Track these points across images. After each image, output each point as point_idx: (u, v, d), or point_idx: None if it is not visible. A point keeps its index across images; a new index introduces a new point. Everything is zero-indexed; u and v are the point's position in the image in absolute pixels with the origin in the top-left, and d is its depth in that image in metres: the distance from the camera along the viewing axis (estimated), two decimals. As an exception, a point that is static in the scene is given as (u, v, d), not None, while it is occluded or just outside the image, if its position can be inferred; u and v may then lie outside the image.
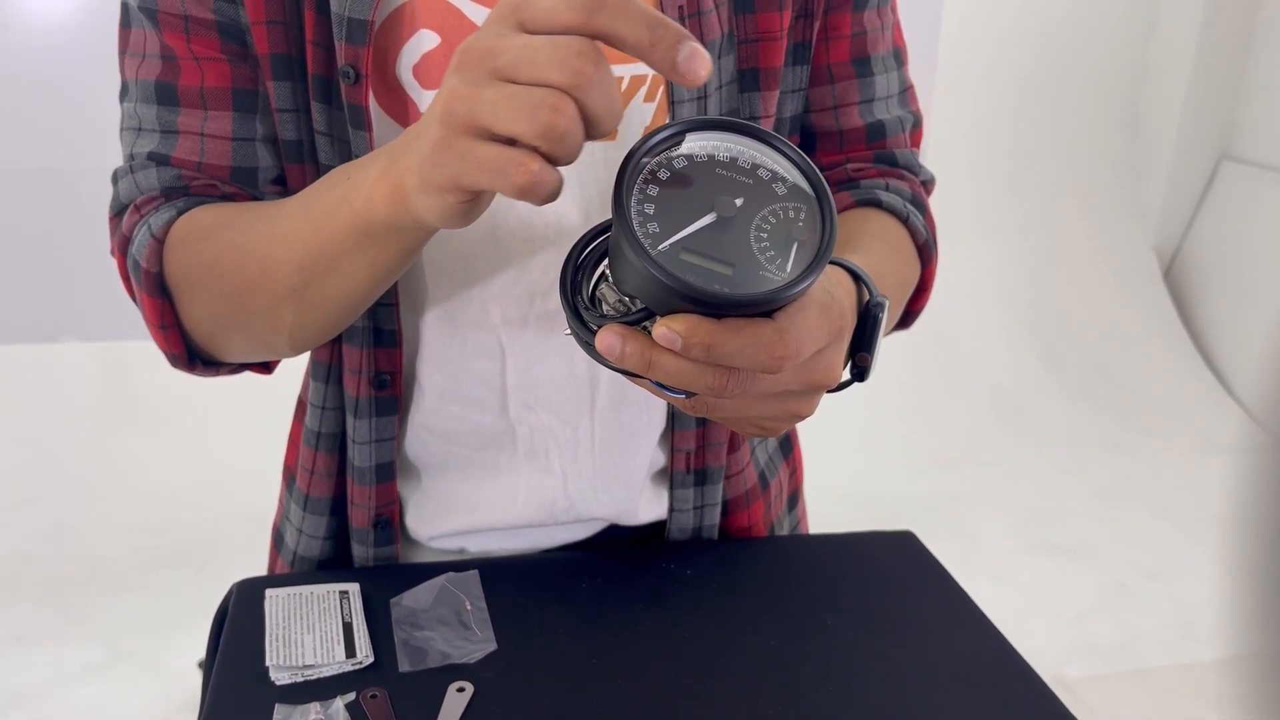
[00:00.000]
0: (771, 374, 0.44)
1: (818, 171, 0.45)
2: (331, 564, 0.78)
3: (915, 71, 0.77)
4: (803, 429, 0.89)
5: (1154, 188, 3.66)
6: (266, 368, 0.71)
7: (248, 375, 0.75)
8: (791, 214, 0.44)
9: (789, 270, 0.43)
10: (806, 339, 0.44)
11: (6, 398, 2.76)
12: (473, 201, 0.46)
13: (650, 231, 0.42)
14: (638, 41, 0.40)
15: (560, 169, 0.45)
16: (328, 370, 0.73)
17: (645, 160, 0.44)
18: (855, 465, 2.84)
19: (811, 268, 0.43)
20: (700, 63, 0.40)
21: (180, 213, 0.63)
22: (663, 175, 0.44)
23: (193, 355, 0.67)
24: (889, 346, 0.58)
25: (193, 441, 2.73)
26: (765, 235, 0.44)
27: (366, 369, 0.70)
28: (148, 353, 0.71)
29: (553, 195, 0.42)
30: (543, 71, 0.40)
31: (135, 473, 2.67)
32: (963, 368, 3.32)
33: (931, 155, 3.21)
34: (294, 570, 0.79)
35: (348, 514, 0.75)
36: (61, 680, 1.99)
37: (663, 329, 0.42)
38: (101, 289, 0.70)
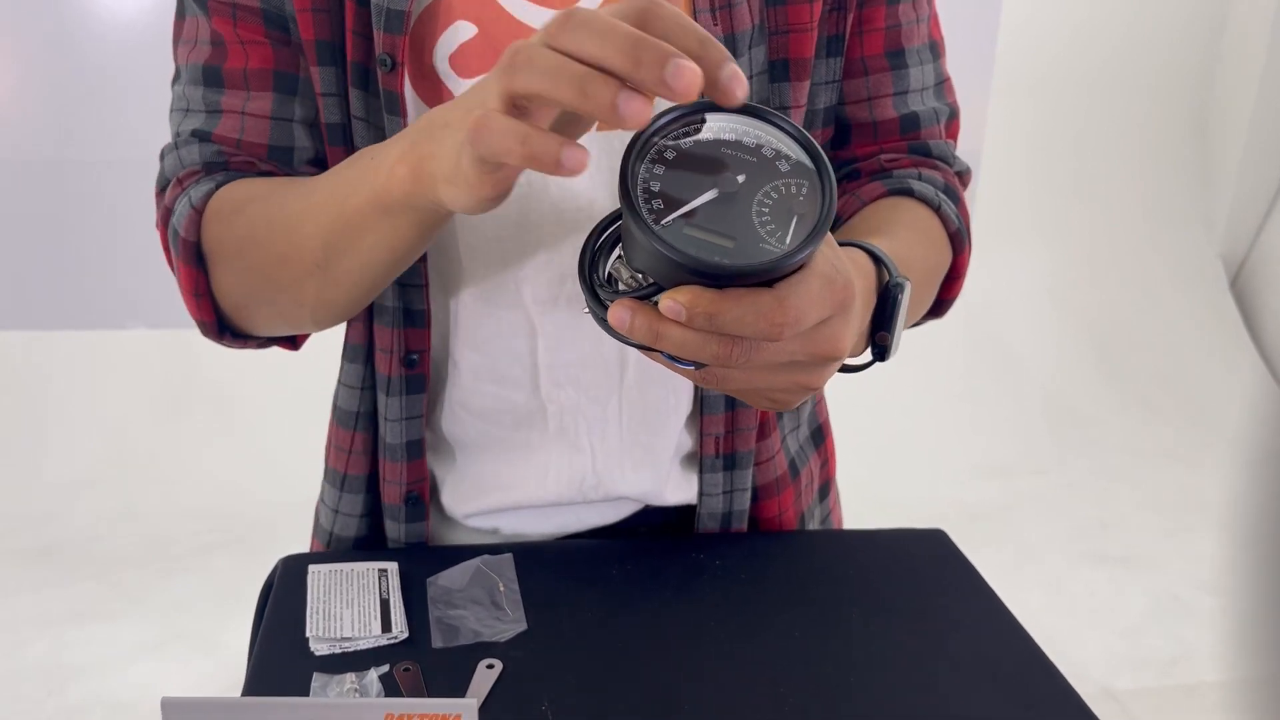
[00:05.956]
0: (773, 341, 0.46)
1: (819, 147, 0.47)
2: (367, 542, 0.80)
3: (972, 72, 0.78)
4: (853, 434, 0.89)
5: (1221, 194, 3.57)
6: (293, 344, 0.74)
7: (307, 366, 0.78)
8: (793, 189, 0.46)
9: (788, 242, 0.45)
10: (807, 307, 0.45)
11: (75, 382, 2.85)
12: (491, 187, 0.48)
13: (655, 208, 0.45)
14: (688, 49, 0.42)
15: (591, 157, 0.46)
16: (357, 350, 0.76)
17: (652, 141, 0.46)
18: (906, 471, 2.82)
19: (810, 239, 0.45)
20: (739, 84, 0.43)
21: (219, 185, 0.66)
22: (669, 155, 0.46)
23: (222, 326, 0.70)
24: (942, 351, 0.58)
25: (252, 429, 2.79)
26: (767, 210, 0.45)
27: (397, 348, 0.72)
28: (212, 342, 0.73)
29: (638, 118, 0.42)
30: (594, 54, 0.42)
31: (196, 458, 2.74)
32: (1019, 374, 3.27)
33: (990, 156, 3.16)
34: (330, 549, 0.82)
35: (380, 491, 0.78)
36: (118, 657, 2.06)
37: (668, 301, 0.44)
38: (170, 278, 0.73)
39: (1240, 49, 3.44)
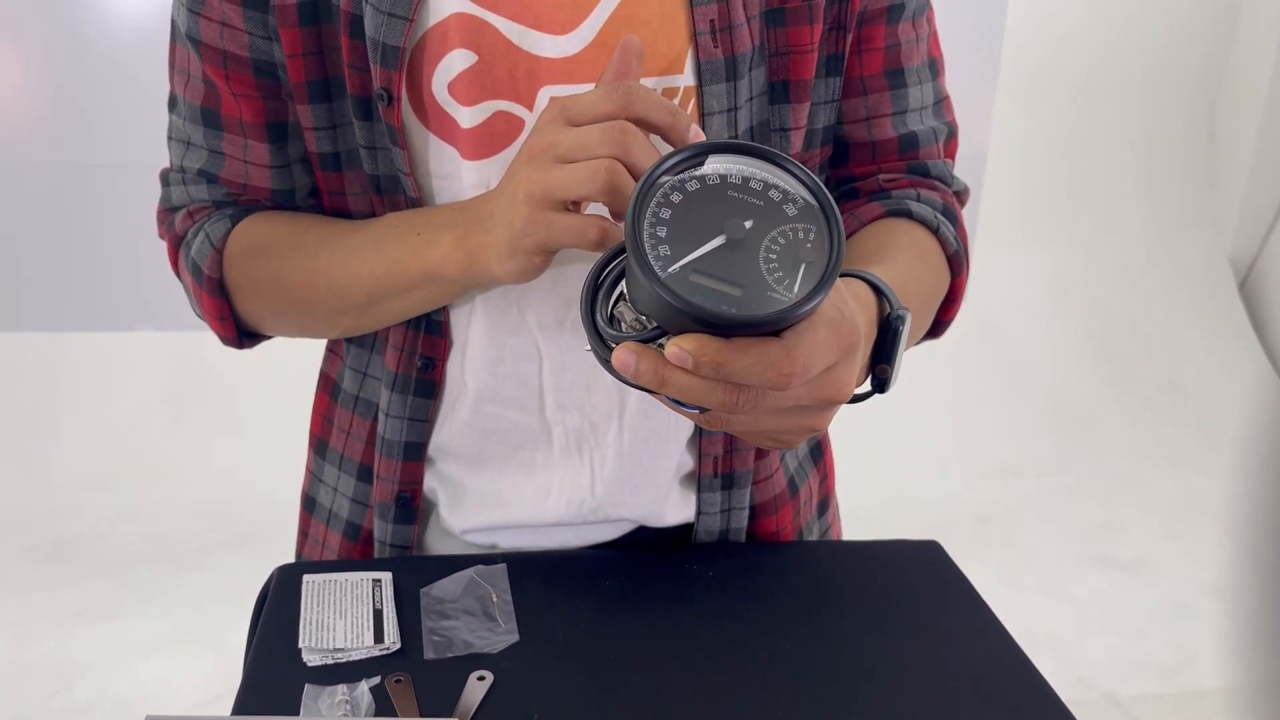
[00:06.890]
0: (780, 390, 0.46)
1: (827, 193, 0.47)
2: (362, 531, 0.81)
3: (978, 72, 0.77)
4: (860, 437, 0.89)
5: (1231, 195, 3.56)
6: None
7: (311, 365, 0.86)
8: (800, 235, 0.46)
9: (796, 291, 0.44)
10: (814, 357, 0.45)
11: (84, 383, 2.87)
12: (547, 261, 0.58)
13: (661, 254, 0.44)
14: (661, 122, 0.54)
15: None
16: (364, 336, 0.78)
17: (659, 183, 0.46)
18: (910, 474, 2.82)
19: (817, 289, 0.44)
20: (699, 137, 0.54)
21: (234, 221, 0.72)
22: (675, 198, 0.46)
23: (241, 336, 0.77)
24: (947, 354, 0.58)
25: (258, 429, 2.80)
26: (774, 256, 0.45)
27: (408, 349, 0.74)
28: (218, 343, 0.79)
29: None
30: (594, 149, 0.53)
31: (202, 458, 2.76)
32: (1023, 377, 3.26)
33: (996, 157, 3.15)
34: (327, 527, 0.84)
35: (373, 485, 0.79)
36: (125, 654, 2.08)
37: (674, 348, 0.44)
38: (176, 281, 0.78)
39: (1250, 49, 3.43)
